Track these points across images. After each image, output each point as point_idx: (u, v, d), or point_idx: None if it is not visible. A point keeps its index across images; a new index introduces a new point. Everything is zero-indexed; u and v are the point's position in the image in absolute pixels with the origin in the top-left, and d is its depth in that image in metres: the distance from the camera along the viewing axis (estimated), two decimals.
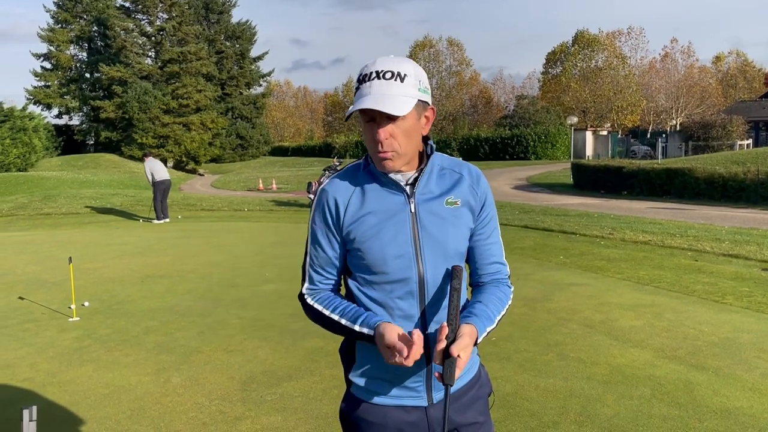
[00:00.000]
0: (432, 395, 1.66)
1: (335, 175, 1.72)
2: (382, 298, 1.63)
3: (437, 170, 1.70)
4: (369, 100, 1.53)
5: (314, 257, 1.71)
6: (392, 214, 1.62)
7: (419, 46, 59.05)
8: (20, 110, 32.85)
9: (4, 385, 4.41)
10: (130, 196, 18.47)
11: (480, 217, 1.71)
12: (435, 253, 1.62)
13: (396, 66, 1.56)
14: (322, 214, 1.68)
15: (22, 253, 9.79)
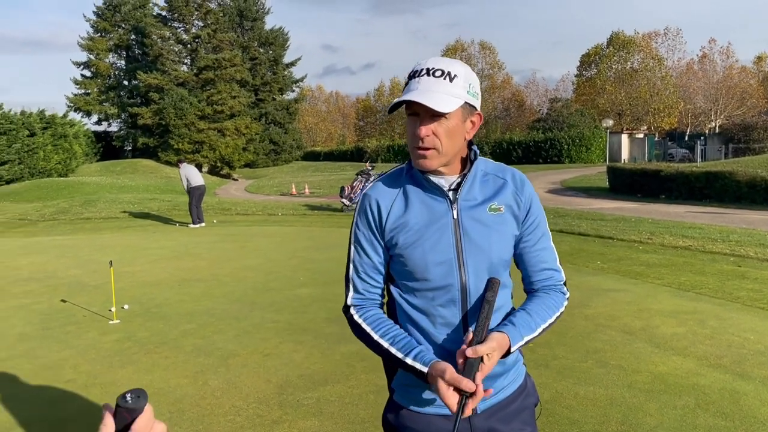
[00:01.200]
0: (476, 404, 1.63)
1: (378, 180, 1.71)
2: (424, 305, 1.61)
3: (480, 176, 1.67)
4: (414, 94, 1.52)
5: (358, 264, 1.68)
6: (435, 221, 1.60)
7: (451, 50, 58.92)
8: (61, 117, 33.79)
9: (48, 386, 4.51)
10: (167, 201, 18.81)
11: (526, 223, 1.67)
12: (478, 261, 1.59)
13: (447, 66, 1.55)
14: (366, 219, 1.66)
15: (63, 257, 10.04)
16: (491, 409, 1.65)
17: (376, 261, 1.66)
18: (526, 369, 1.81)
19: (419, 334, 1.62)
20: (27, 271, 8.88)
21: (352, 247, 1.70)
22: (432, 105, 1.49)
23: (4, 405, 4.18)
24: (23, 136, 29.54)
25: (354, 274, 1.69)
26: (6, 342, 5.57)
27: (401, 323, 1.66)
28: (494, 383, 1.64)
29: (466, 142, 1.64)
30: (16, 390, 4.44)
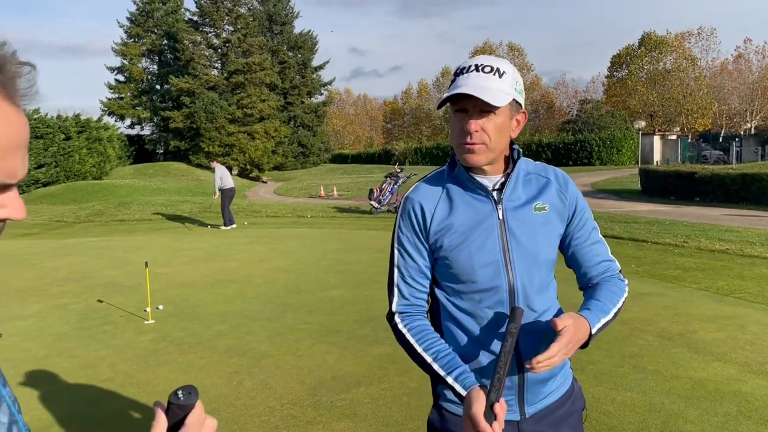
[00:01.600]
0: (524, 409, 1.61)
1: (420, 182, 1.69)
2: (471, 308, 1.58)
3: (523, 175, 1.65)
4: (466, 88, 1.50)
5: (403, 268, 1.65)
6: (480, 222, 1.58)
7: (478, 52, 58.64)
8: (96, 121, 34.49)
9: (87, 384, 4.60)
10: (198, 203, 19.06)
11: (574, 221, 1.65)
12: (525, 261, 1.57)
13: (496, 63, 1.54)
14: (409, 222, 1.64)
15: (99, 258, 10.24)
16: (540, 414, 1.63)
17: (421, 264, 1.64)
18: (572, 373, 1.78)
19: (464, 337, 1.60)
20: (64, 271, 9.08)
21: (396, 251, 1.66)
22: (486, 98, 1.47)
23: (43, 403, 4.27)
24: (59, 139, 30.23)
25: (399, 279, 1.66)
26: (45, 341, 5.70)
27: (445, 326, 1.64)
28: (543, 387, 1.62)
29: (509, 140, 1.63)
30: (54, 388, 4.54)
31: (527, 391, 1.60)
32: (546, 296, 1.62)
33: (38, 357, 5.25)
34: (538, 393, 1.62)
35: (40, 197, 25.78)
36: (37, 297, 7.48)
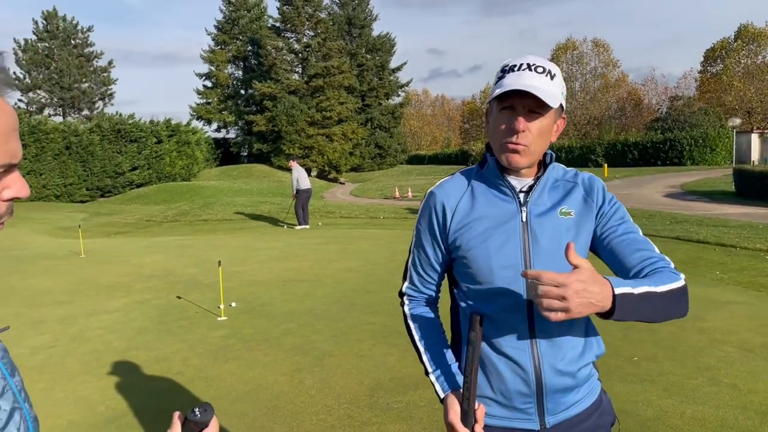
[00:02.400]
0: (545, 419, 1.56)
1: (446, 178, 1.69)
2: (488, 310, 1.55)
3: (551, 182, 1.61)
4: (520, 81, 1.46)
5: (416, 258, 1.72)
6: (502, 222, 1.55)
7: (561, 48, 57.04)
8: (185, 125, 36.21)
9: (160, 377, 4.85)
10: (277, 204, 19.62)
11: (603, 217, 1.57)
12: (547, 267, 1.50)
13: (547, 65, 1.51)
14: (428, 219, 1.65)
15: (182, 256, 10.75)
16: (562, 425, 1.57)
17: (432, 259, 1.68)
18: (601, 385, 1.70)
19: (484, 343, 1.57)
20: (150, 268, 9.60)
21: (413, 241, 1.73)
22: (543, 96, 1.43)
23: (120, 392, 4.54)
24: (151, 143, 32.00)
25: (411, 267, 1.74)
26: (127, 334, 6.05)
27: (463, 328, 1.63)
28: (565, 397, 1.56)
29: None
30: (131, 379, 4.81)
31: (547, 400, 1.55)
32: None
33: (119, 349, 5.58)
34: (560, 403, 1.56)
35: (134, 198, 27.37)
36: (123, 292, 7.95)
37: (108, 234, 15.69)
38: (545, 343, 1.52)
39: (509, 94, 1.47)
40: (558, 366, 1.53)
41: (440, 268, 1.69)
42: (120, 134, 30.52)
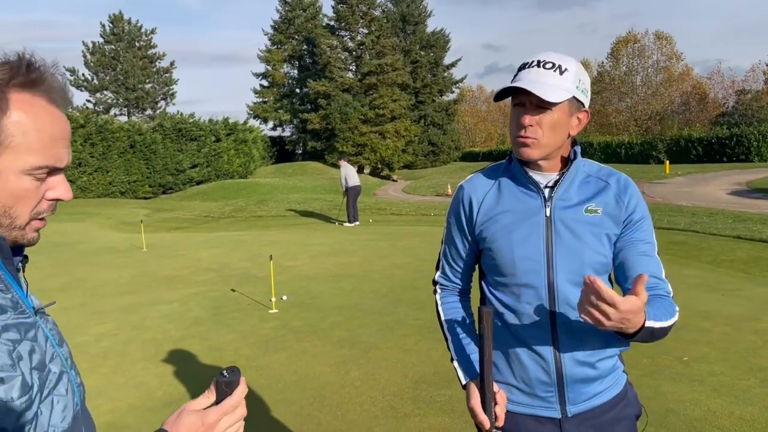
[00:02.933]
0: (566, 408, 1.60)
1: (476, 173, 1.75)
2: (512, 302, 1.61)
3: (581, 177, 1.63)
4: (521, 83, 1.52)
5: (447, 249, 1.79)
6: (526, 216, 1.59)
7: (621, 42, 55.42)
8: (242, 124, 37.10)
9: (213, 365, 5.06)
10: (329, 201, 19.91)
11: (628, 230, 1.59)
12: (569, 262, 1.55)
13: (559, 60, 1.54)
14: (456, 211, 1.72)
15: (237, 250, 11.08)
16: (584, 415, 1.60)
17: (461, 250, 1.75)
18: (627, 378, 1.72)
19: (506, 331, 1.63)
20: (206, 262, 9.95)
21: (444, 232, 1.81)
22: (538, 92, 1.48)
23: (176, 378, 4.77)
24: (210, 141, 32.94)
25: (443, 257, 1.82)
26: (183, 324, 6.32)
27: None
28: (587, 387, 1.60)
29: (570, 139, 1.62)
30: (186, 367, 5.04)
31: (568, 390, 1.58)
32: None
33: (176, 338, 5.84)
34: (581, 392, 1.59)
35: (194, 194, 28.26)
36: (181, 284, 8.28)
37: (168, 229, 16.30)
38: (566, 334, 1.56)
39: (515, 91, 1.53)
40: (578, 357, 1.56)
41: (468, 259, 1.76)
42: (181, 133, 31.55)
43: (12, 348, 0.90)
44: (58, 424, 0.95)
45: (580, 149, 1.65)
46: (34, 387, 0.91)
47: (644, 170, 30.10)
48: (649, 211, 1.65)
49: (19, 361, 0.90)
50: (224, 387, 1.04)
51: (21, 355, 0.91)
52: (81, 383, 1.07)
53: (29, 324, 0.97)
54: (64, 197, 0.99)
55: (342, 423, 3.87)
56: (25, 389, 0.89)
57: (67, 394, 0.98)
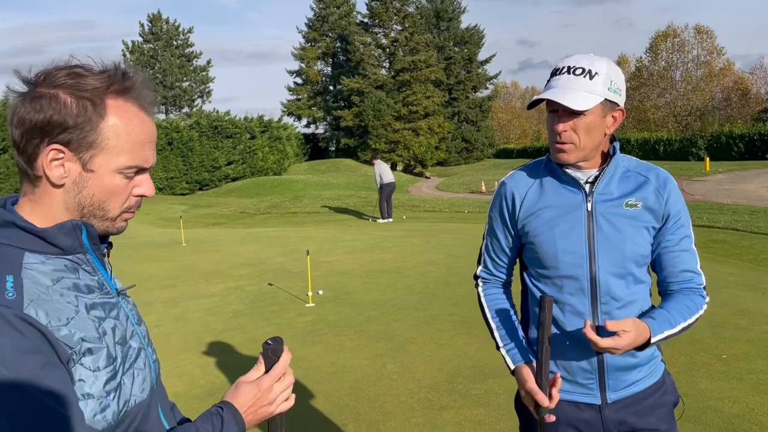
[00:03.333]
0: (606, 395, 1.65)
1: (517, 169, 1.80)
2: (554, 293, 1.66)
3: (621, 172, 1.68)
4: (552, 92, 1.58)
5: (490, 244, 1.84)
6: (568, 211, 1.65)
7: (660, 36, 54.24)
8: (276, 121, 37.50)
9: (252, 357, 5.21)
10: (362, 197, 20.04)
11: (668, 224, 1.64)
12: (610, 255, 1.61)
13: (589, 64, 1.58)
14: (499, 206, 1.78)
15: (273, 246, 11.28)
16: (623, 402, 1.66)
17: (504, 244, 1.80)
18: (665, 366, 1.76)
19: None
20: (243, 257, 10.16)
21: (487, 227, 1.86)
22: (567, 103, 1.54)
23: (217, 369, 4.92)
24: (246, 138, 33.40)
25: (485, 252, 1.86)
26: (223, 316, 6.50)
27: (531, 309, 1.74)
28: (626, 375, 1.65)
29: (607, 137, 1.66)
30: (228, 357, 5.20)
31: (608, 377, 1.64)
32: (632, 289, 1.64)
33: (216, 330, 6.02)
34: (621, 380, 1.65)
35: (230, 191, 28.72)
36: (220, 279, 8.49)
37: (206, 224, 16.65)
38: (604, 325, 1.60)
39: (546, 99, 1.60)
40: None
41: (511, 253, 1.81)
42: (217, 130, 32.07)
43: (98, 324, 1.02)
44: (138, 395, 1.06)
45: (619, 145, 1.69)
46: (117, 359, 1.03)
47: (683, 167, 29.45)
48: (688, 207, 1.70)
49: (104, 335, 1.02)
50: (270, 354, 1.15)
51: (105, 330, 1.03)
52: (156, 360, 1.19)
53: (113, 304, 1.09)
54: (148, 194, 1.11)
55: (379, 413, 3.96)
56: (110, 360, 1.01)
57: (145, 368, 1.11)
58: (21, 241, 1.01)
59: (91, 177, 1.04)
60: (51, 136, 1.00)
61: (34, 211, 1.05)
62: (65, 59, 1.06)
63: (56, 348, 0.94)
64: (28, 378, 0.89)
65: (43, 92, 1.01)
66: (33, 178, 1.04)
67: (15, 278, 0.96)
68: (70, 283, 1.02)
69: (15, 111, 1.02)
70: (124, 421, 1.03)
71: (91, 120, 1.02)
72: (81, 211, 1.06)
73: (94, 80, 1.03)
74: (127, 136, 1.05)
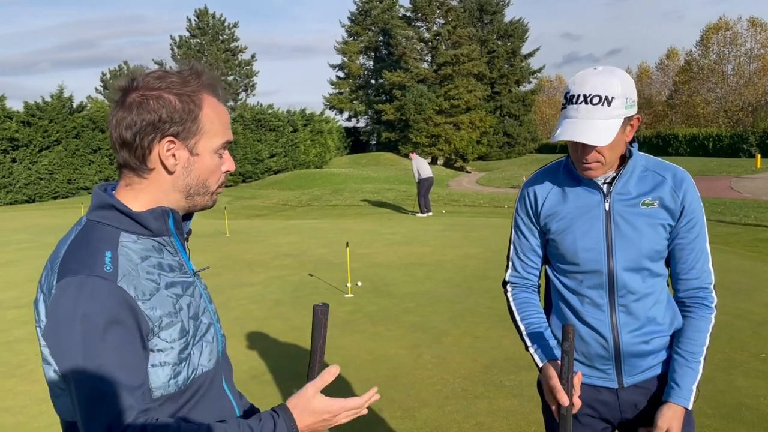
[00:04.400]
0: (622, 379, 1.75)
1: (538, 171, 1.88)
2: (574, 286, 1.76)
3: (639, 171, 1.73)
4: (574, 128, 1.60)
5: (518, 245, 1.89)
6: (586, 211, 1.72)
7: (712, 29, 52.54)
8: (318, 115, 37.93)
9: (293, 344, 5.39)
10: (402, 191, 20.15)
11: (681, 222, 1.70)
12: (627, 251, 1.69)
13: (604, 88, 1.58)
14: (524, 207, 1.86)
15: (314, 238, 11.51)
16: (638, 386, 1.77)
17: (533, 244, 1.86)
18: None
19: (568, 311, 1.78)
20: (285, 248, 10.40)
21: (513, 231, 1.92)
22: (591, 142, 1.58)
23: (259, 355, 5.12)
24: (288, 132, 33.90)
25: (514, 255, 1.92)
26: (265, 305, 6.72)
27: (554, 300, 1.83)
28: (642, 361, 1.75)
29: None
30: (269, 344, 5.40)
31: (624, 363, 1.75)
32: (649, 282, 1.72)
33: (259, 318, 6.23)
34: (636, 366, 1.75)
35: (272, 183, 29.23)
36: (262, 268, 8.74)
37: (249, 216, 17.03)
38: (624, 315, 1.72)
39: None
40: (634, 335, 1.72)
41: (540, 251, 1.87)
42: (260, 124, 32.63)
43: (175, 300, 1.18)
44: (205, 364, 1.23)
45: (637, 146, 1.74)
46: (189, 332, 1.19)
47: (733, 164, 28.59)
48: (734, 206, 1.75)
49: (180, 311, 1.18)
50: (320, 314, 1.29)
51: (182, 306, 1.19)
52: (224, 335, 1.36)
53: (189, 282, 1.25)
54: (232, 169, 1.31)
55: (414, 401, 4.09)
56: (183, 333, 1.17)
57: (213, 341, 1.27)
58: (118, 221, 1.18)
59: (197, 160, 1.23)
60: (163, 130, 1.18)
61: (137, 198, 1.21)
62: (143, 65, 1.25)
63: (140, 320, 1.09)
64: (106, 344, 1.05)
65: (148, 95, 1.18)
66: (143, 170, 1.20)
67: (113, 254, 1.12)
68: (155, 261, 1.18)
69: (122, 117, 1.18)
70: (191, 387, 1.18)
71: (192, 112, 1.20)
72: (188, 191, 1.24)
73: (187, 80, 1.21)
74: (218, 120, 1.24)
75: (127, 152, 1.19)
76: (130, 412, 1.05)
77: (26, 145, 24.68)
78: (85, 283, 1.06)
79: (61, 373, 1.07)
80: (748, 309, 5.72)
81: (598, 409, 1.80)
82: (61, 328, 1.06)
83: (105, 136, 26.89)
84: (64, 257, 1.12)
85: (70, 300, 1.05)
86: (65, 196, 25.93)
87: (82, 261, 1.10)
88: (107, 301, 1.06)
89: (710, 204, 13.74)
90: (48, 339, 1.08)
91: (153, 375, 1.11)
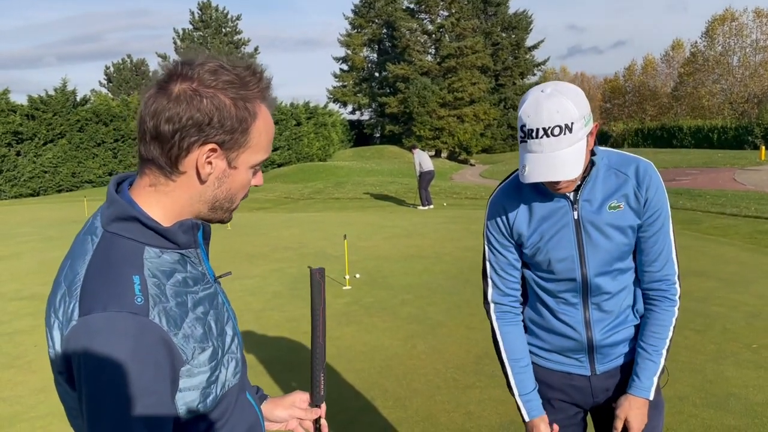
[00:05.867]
0: (595, 366, 1.81)
1: (502, 186, 1.84)
2: (549, 287, 1.80)
3: (603, 171, 1.71)
4: (543, 165, 1.55)
5: (494, 263, 1.84)
6: (556, 222, 1.73)
7: (717, 20, 52.21)
8: (322, 108, 37.96)
9: (289, 335, 5.45)
10: (405, 184, 20.17)
11: (645, 216, 1.71)
12: (599, 258, 1.72)
13: (560, 117, 1.52)
14: (495, 225, 1.82)
15: (314, 231, 11.55)
16: (610, 372, 1.83)
17: (511, 258, 1.82)
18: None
19: (543, 308, 1.84)
20: (286, 241, 10.45)
21: (487, 248, 1.86)
22: (561, 178, 1.55)
23: (255, 346, 5.17)
24: (291, 125, 33.94)
25: (492, 272, 1.86)
26: (264, 297, 6.77)
27: (529, 295, 1.88)
28: (613, 349, 1.81)
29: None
30: (265, 335, 5.45)
31: (597, 352, 1.80)
32: (619, 279, 1.77)
33: (256, 309, 6.29)
34: (608, 354, 1.81)
35: (275, 176, 29.26)
36: (262, 261, 8.79)
37: (251, 209, 17.07)
38: (597, 312, 1.78)
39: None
40: (605, 328, 1.79)
41: (517, 264, 1.84)
42: None
43: (204, 320, 1.07)
44: (231, 379, 1.13)
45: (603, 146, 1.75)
46: (218, 352, 1.09)
47: (737, 156, 28.47)
48: (736, 197, 1.76)
49: (209, 332, 1.07)
50: (318, 277, 1.32)
51: (210, 325, 1.08)
52: (241, 338, 1.30)
53: (212, 293, 1.14)
54: (260, 183, 1.18)
55: (406, 390, 4.13)
56: (213, 357, 1.07)
57: (237, 352, 1.17)
58: (143, 236, 1.04)
59: (233, 173, 1.09)
60: (209, 135, 1.03)
61: (159, 202, 1.08)
62: (200, 54, 1.09)
63: (173, 354, 0.99)
64: (135, 385, 0.95)
65: (202, 91, 1.03)
66: (172, 172, 1.05)
67: (141, 279, 0.99)
68: (181, 278, 1.07)
69: (165, 106, 1.02)
70: (221, 404, 1.11)
71: (245, 122, 1.06)
72: (213, 203, 1.11)
73: (246, 83, 1.07)
74: (265, 135, 1.11)
75: (159, 148, 1.03)
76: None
77: (30, 138, 24.81)
78: (116, 321, 0.94)
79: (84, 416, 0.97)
80: (743, 300, 5.74)
81: (570, 394, 1.86)
82: (90, 376, 0.94)
83: (108, 130, 27.01)
84: (86, 282, 0.98)
85: (98, 346, 0.93)
86: (69, 190, 26.07)
87: (109, 291, 0.97)
88: (141, 341, 0.95)
89: (711, 196, 13.70)
90: (77, 383, 0.97)
91: (180, 401, 1.02)
